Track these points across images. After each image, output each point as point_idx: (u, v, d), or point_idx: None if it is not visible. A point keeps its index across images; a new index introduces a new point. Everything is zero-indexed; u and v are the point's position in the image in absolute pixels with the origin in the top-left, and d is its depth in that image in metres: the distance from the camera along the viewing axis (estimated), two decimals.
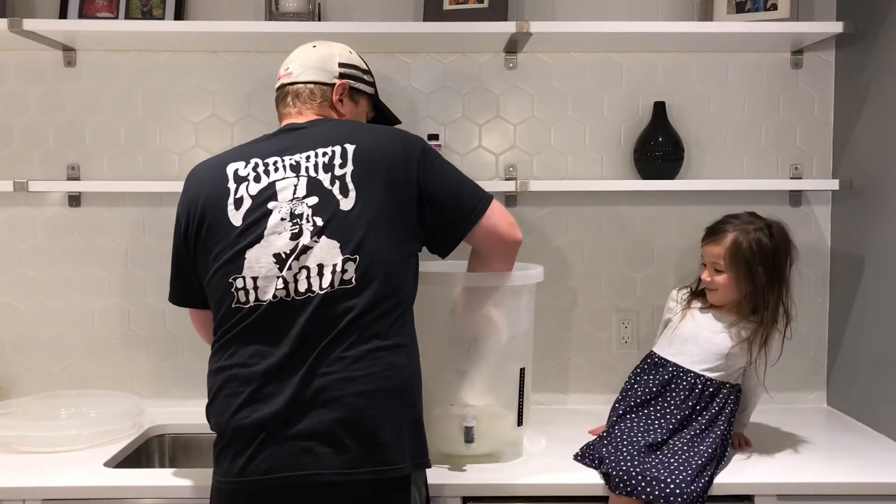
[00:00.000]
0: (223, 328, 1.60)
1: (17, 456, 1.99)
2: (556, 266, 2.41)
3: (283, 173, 1.61)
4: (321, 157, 1.61)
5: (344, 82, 1.78)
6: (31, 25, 2.11)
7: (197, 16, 2.35)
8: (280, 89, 1.79)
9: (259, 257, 1.56)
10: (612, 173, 2.41)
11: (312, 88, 1.76)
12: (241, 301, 1.57)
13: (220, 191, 1.62)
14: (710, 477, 1.81)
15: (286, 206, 1.57)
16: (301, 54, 1.80)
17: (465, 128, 2.41)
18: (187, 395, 2.41)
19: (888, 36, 2.14)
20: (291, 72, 1.78)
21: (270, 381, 1.53)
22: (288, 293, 1.54)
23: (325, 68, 1.77)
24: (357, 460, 1.50)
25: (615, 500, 1.79)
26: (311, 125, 1.71)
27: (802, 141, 2.42)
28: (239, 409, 1.53)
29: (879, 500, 1.83)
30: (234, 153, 1.69)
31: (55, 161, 2.38)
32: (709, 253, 1.99)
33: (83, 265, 2.41)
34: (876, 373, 2.20)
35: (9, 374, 2.41)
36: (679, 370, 1.97)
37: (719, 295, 1.99)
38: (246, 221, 1.58)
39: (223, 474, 1.55)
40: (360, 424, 1.51)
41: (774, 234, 1.96)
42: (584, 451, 1.95)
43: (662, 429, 1.90)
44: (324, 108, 1.76)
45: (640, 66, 2.40)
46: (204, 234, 1.62)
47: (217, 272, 1.59)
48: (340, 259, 1.54)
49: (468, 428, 1.87)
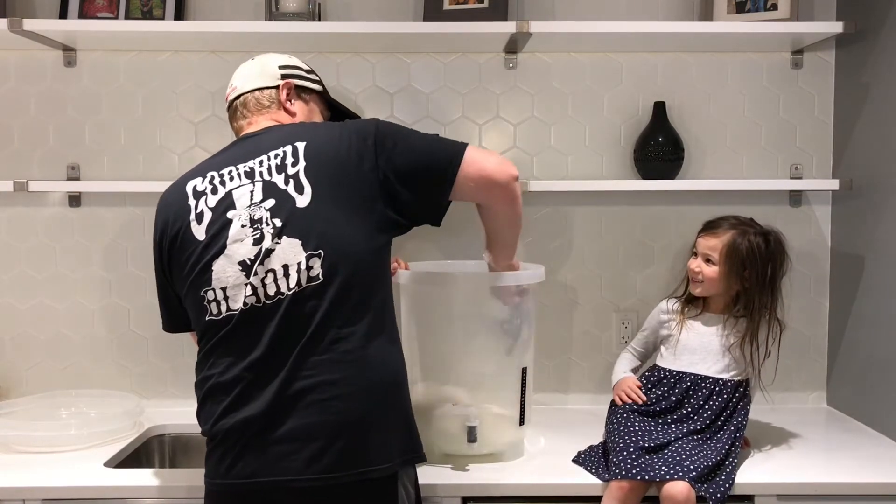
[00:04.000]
0: (202, 340, 1.61)
1: (17, 456, 1.99)
2: (556, 266, 2.40)
3: (238, 181, 1.60)
4: (273, 159, 1.60)
5: (288, 81, 1.79)
6: (31, 25, 2.11)
7: (197, 16, 2.35)
8: (229, 107, 1.81)
9: (225, 268, 1.55)
10: (612, 173, 2.41)
11: (258, 95, 1.77)
12: (214, 313, 1.57)
13: (182, 210, 1.62)
14: (730, 471, 1.82)
15: (245, 213, 1.56)
16: (241, 70, 1.83)
17: (465, 128, 2.41)
18: (187, 395, 2.37)
19: (888, 36, 2.14)
20: (236, 86, 1.80)
21: (249, 386, 1.53)
22: (258, 299, 1.53)
23: (267, 73, 1.78)
24: (339, 463, 1.50)
25: (619, 486, 1.77)
26: (263, 132, 1.70)
27: (802, 141, 2.41)
28: (221, 417, 1.55)
29: (879, 500, 1.83)
30: (192, 171, 1.70)
31: (55, 161, 2.38)
32: (704, 244, 2.00)
33: (83, 265, 2.41)
34: (876, 373, 2.20)
35: (9, 374, 2.41)
36: (697, 378, 1.97)
37: (703, 287, 2.00)
38: (209, 234, 1.58)
39: (210, 475, 1.57)
40: (341, 427, 1.51)
41: (771, 242, 1.97)
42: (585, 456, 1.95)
43: (674, 433, 1.90)
44: (273, 111, 1.76)
45: (640, 66, 2.40)
46: (175, 255, 1.63)
47: (189, 288, 1.60)
48: (304, 256, 1.52)
49: (471, 427, 1.87)
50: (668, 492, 1.74)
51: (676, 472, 1.75)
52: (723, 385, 1.95)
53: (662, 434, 1.89)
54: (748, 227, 1.99)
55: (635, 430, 1.90)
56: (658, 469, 1.76)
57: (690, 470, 1.76)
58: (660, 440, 1.87)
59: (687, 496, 1.72)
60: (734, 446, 1.90)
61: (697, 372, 1.97)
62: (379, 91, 2.39)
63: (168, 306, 1.75)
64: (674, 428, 1.92)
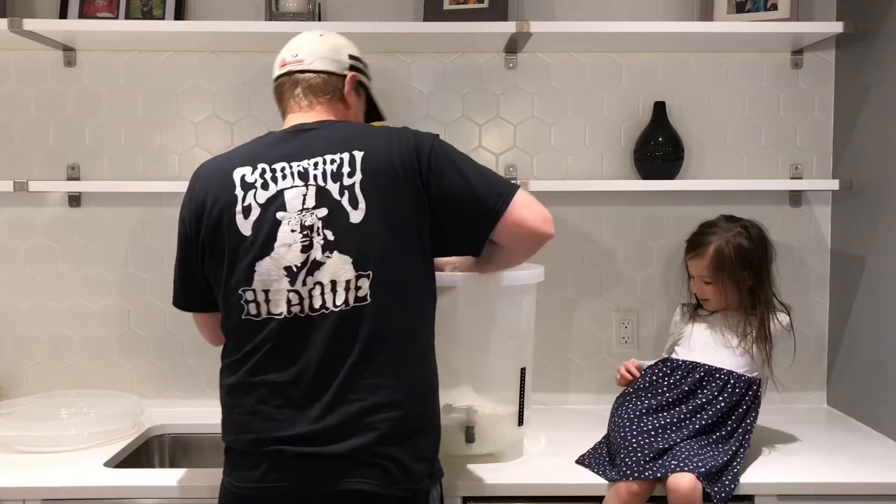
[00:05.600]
0: (236, 341, 1.57)
1: (17, 456, 1.99)
2: (556, 266, 2.40)
3: (290, 181, 1.55)
4: (329, 164, 1.55)
5: (354, 74, 1.72)
6: (31, 25, 2.11)
7: (197, 16, 2.35)
8: (287, 76, 1.69)
9: (269, 270, 1.52)
10: (612, 173, 2.41)
11: (326, 79, 1.68)
12: (252, 314, 1.54)
13: (228, 197, 1.57)
14: (736, 472, 1.82)
15: (296, 217, 1.53)
16: (309, 42, 1.71)
17: (465, 128, 2.41)
18: (187, 395, 2.41)
19: (888, 36, 2.14)
20: (302, 59, 1.68)
21: (293, 403, 1.51)
22: (302, 309, 1.52)
23: (337, 59, 1.70)
24: (385, 483, 1.50)
25: (629, 488, 1.76)
26: (318, 126, 1.64)
27: (802, 141, 2.41)
28: (261, 430, 1.52)
29: (879, 500, 1.83)
30: (239, 156, 1.63)
31: (55, 161, 2.38)
32: (694, 268, 2.03)
33: (83, 265, 2.41)
34: (876, 373, 2.20)
35: (9, 374, 2.41)
36: (712, 369, 1.96)
37: (714, 303, 2.03)
38: (255, 231, 1.54)
39: (239, 480, 1.54)
40: (387, 448, 1.51)
41: (752, 236, 1.99)
42: (589, 457, 1.94)
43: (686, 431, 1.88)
44: (334, 101, 1.69)
45: (640, 66, 2.40)
46: (212, 242, 1.58)
47: (228, 282, 1.56)
48: (353, 275, 1.51)
49: (469, 428, 1.88)
50: (674, 483, 1.72)
51: (686, 465, 1.75)
52: (736, 379, 1.93)
53: (675, 433, 1.87)
54: (726, 232, 1.99)
55: (648, 431, 1.87)
56: (669, 466, 1.76)
57: (699, 466, 1.75)
58: (672, 440, 1.85)
59: (693, 488, 1.71)
60: (742, 448, 1.89)
61: (711, 363, 1.96)
62: (379, 91, 2.37)
63: (187, 284, 1.68)
64: (686, 423, 1.89)
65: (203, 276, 1.64)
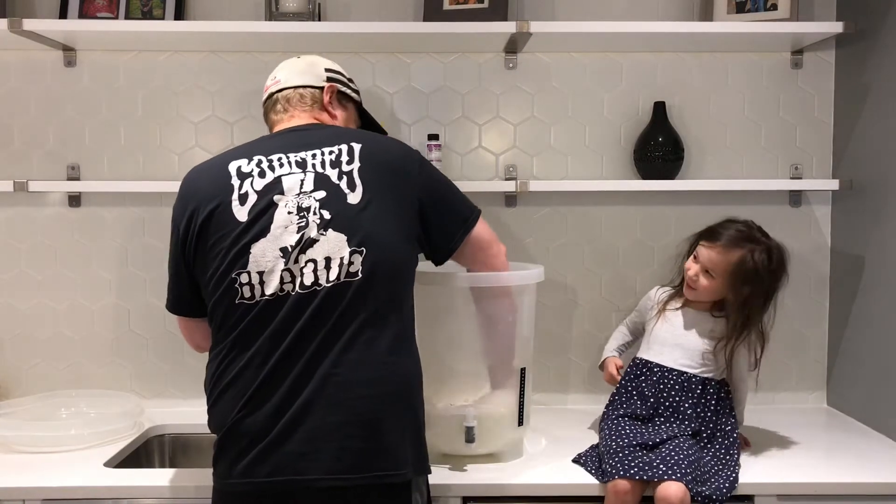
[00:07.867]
0: (225, 327, 1.57)
1: (17, 456, 1.99)
2: (556, 266, 2.41)
3: (288, 168, 1.60)
4: (328, 154, 1.61)
5: (332, 85, 1.80)
6: (31, 25, 2.11)
7: (197, 16, 2.35)
8: (269, 98, 1.80)
9: (265, 251, 1.54)
10: (612, 173, 2.41)
11: (302, 92, 1.77)
12: (247, 297, 1.54)
13: (224, 188, 1.59)
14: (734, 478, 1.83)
15: (293, 200, 1.56)
16: (285, 65, 1.83)
17: (465, 128, 2.41)
18: (187, 395, 2.41)
19: (888, 36, 2.14)
20: (279, 79, 1.80)
21: (271, 381, 1.51)
22: (294, 286, 1.53)
23: (313, 73, 1.80)
24: (359, 465, 1.50)
25: (615, 488, 1.77)
26: (310, 127, 1.71)
27: (802, 141, 2.42)
28: (240, 411, 1.52)
29: (879, 500, 1.83)
30: (233, 152, 1.67)
31: (55, 161, 2.38)
32: (707, 256, 1.97)
33: (83, 265, 2.41)
34: (876, 373, 2.20)
35: (9, 374, 2.41)
36: (664, 370, 1.99)
37: (697, 294, 2.01)
38: (251, 216, 1.56)
39: (222, 475, 1.54)
40: (363, 428, 1.50)
41: (773, 260, 1.95)
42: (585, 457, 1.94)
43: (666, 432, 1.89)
44: (315, 110, 1.77)
45: (640, 66, 2.40)
46: (205, 236, 1.59)
47: (218, 269, 1.56)
48: (347, 251, 1.53)
49: (469, 428, 1.87)
50: (662, 492, 1.73)
51: (674, 472, 1.75)
52: (688, 379, 1.96)
53: (654, 434, 1.89)
54: (754, 243, 1.95)
55: (626, 433, 1.90)
56: (656, 468, 1.76)
57: (687, 473, 1.76)
58: (653, 439, 1.87)
59: (682, 498, 1.72)
60: (732, 448, 1.90)
61: (664, 364, 1.99)
62: (379, 91, 2.39)
63: (179, 287, 1.71)
64: (664, 427, 1.91)
65: (193, 280, 1.65)
